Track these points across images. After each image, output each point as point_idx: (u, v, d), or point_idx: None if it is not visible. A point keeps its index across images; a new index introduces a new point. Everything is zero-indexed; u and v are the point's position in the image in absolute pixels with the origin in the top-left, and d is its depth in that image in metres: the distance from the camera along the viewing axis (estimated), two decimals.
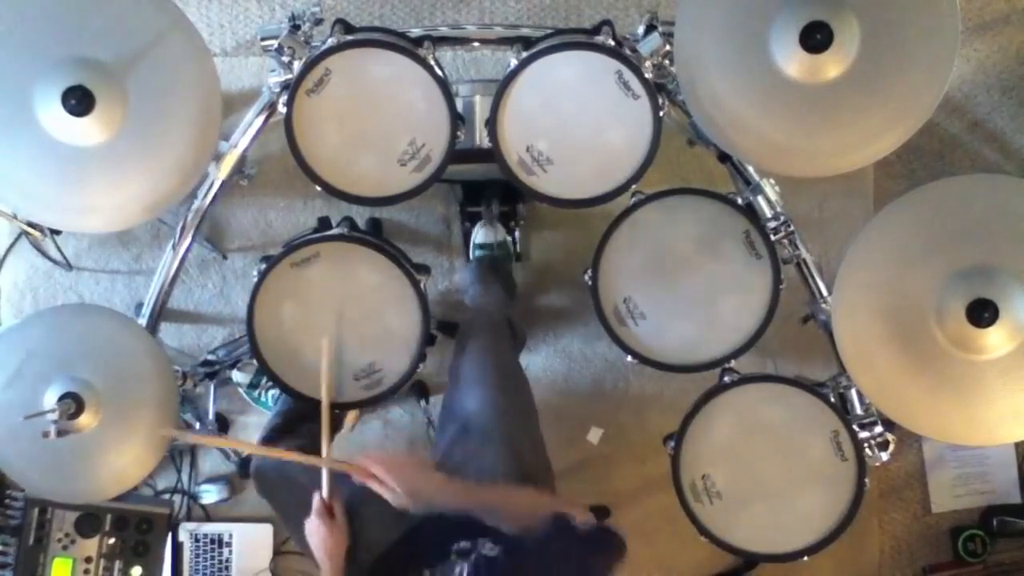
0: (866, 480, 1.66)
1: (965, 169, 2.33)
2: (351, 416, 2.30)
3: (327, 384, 1.57)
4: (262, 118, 1.77)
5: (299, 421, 1.85)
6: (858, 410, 1.72)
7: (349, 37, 1.61)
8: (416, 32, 1.69)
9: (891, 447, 1.71)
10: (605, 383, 2.36)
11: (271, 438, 1.85)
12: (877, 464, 1.70)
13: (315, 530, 1.40)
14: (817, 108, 1.45)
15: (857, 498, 1.67)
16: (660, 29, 1.62)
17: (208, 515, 2.35)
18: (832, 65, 1.41)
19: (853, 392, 1.73)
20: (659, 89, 1.61)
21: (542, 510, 1.26)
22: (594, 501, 2.30)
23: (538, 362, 2.35)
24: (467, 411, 1.64)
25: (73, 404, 1.51)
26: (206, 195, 1.80)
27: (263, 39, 1.64)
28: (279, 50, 1.62)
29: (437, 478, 1.37)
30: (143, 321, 1.85)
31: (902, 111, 1.45)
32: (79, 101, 1.42)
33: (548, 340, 2.35)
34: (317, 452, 1.85)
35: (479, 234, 2.17)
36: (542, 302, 2.35)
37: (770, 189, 1.69)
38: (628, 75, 1.58)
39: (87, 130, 1.45)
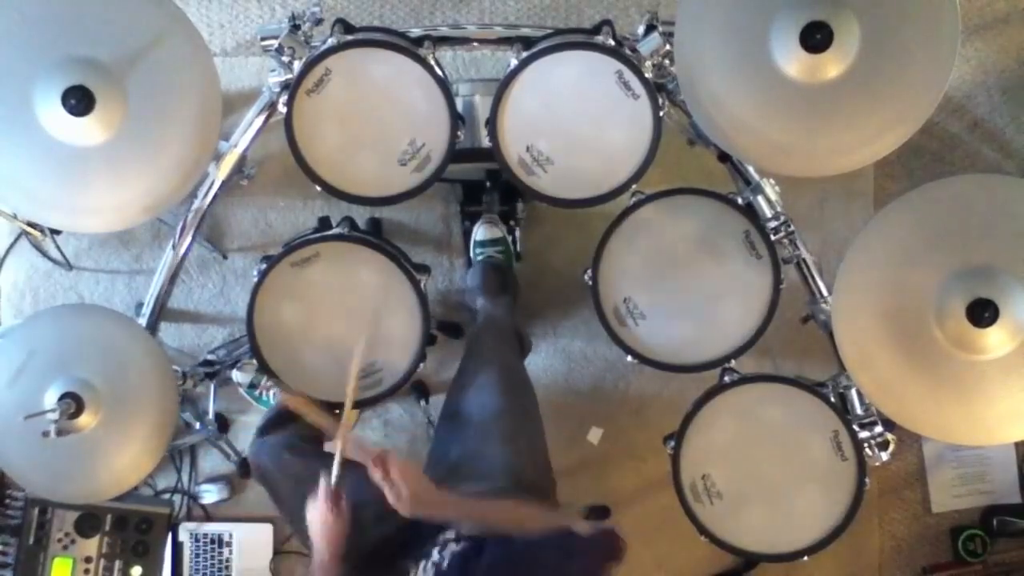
0: (866, 480, 1.66)
1: (965, 169, 2.32)
2: (351, 416, 2.29)
3: (355, 374, 1.51)
4: (262, 118, 1.78)
5: (295, 419, 1.85)
6: (858, 410, 1.72)
7: (349, 37, 1.61)
8: (416, 32, 1.70)
9: (891, 447, 1.71)
10: (605, 383, 2.35)
11: (265, 430, 1.85)
12: (877, 464, 1.71)
13: (318, 516, 1.39)
14: (817, 108, 1.45)
15: (857, 498, 1.67)
16: (660, 29, 1.62)
17: (208, 515, 2.35)
18: (832, 65, 1.41)
19: (853, 392, 1.73)
20: (659, 89, 1.61)
21: (538, 525, 1.25)
22: (594, 501, 2.30)
23: (538, 362, 2.34)
24: (468, 410, 1.64)
25: (73, 404, 1.52)
26: (206, 195, 1.80)
27: (263, 39, 1.64)
28: (279, 50, 1.63)
29: (437, 491, 1.37)
30: (143, 321, 1.85)
31: (902, 111, 1.45)
32: (79, 101, 1.42)
33: (548, 340, 2.35)
34: (313, 444, 1.84)
35: (479, 231, 2.17)
36: (542, 302, 2.34)
37: (770, 189, 1.69)
38: (628, 75, 1.58)
39: (87, 130, 1.46)
